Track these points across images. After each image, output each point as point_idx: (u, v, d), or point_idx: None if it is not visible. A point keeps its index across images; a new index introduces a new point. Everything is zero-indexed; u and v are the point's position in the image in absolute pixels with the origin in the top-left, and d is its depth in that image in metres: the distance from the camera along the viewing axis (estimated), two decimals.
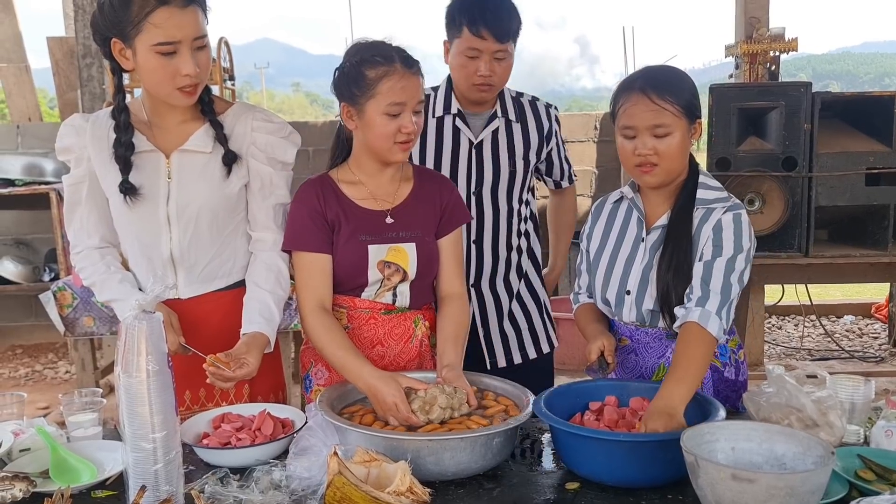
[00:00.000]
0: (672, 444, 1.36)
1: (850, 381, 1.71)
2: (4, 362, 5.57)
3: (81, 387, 3.85)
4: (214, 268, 1.88)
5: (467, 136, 2.29)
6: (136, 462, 1.37)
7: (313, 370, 1.94)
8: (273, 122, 1.89)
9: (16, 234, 5.60)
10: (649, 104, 1.69)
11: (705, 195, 1.79)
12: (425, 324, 1.91)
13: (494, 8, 2.15)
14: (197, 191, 1.81)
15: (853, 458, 1.49)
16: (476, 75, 2.17)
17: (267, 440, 1.59)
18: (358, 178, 1.86)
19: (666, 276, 1.74)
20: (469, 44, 2.15)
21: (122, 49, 1.69)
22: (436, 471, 1.46)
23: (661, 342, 1.84)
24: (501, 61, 2.18)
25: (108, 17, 1.67)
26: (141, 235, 1.84)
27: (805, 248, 4.05)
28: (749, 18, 4.54)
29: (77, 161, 1.84)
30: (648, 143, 1.71)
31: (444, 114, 2.30)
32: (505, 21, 2.14)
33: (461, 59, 2.18)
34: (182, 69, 1.68)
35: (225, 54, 6.11)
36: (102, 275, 1.86)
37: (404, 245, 1.84)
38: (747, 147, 4.04)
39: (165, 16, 1.64)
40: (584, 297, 2.00)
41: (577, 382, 1.78)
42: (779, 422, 1.54)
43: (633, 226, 1.87)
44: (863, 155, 4.02)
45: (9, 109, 6.83)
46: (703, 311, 1.65)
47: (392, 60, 1.74)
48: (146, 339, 1.35)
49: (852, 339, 5.76)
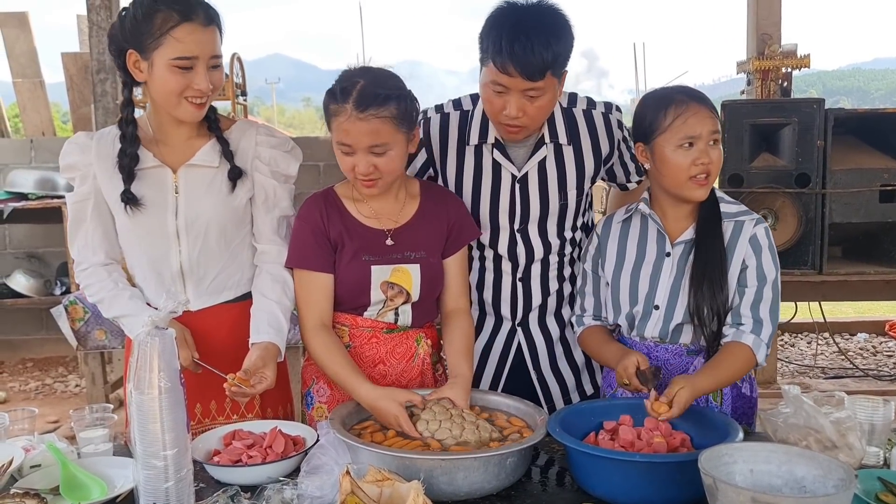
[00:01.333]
0: (689, 465, 1.34)
1: (870, 401, 1.68)
2: (15, 375, 5.59)
3: (91, 400, 3.85)
4: (223, 280, 1.90)
5: (509, 171, 1.95)
6: (147, 479, 1.36)
7: (315, 387, 1.93)
8: (276, 137, 1.92)
9: (28, 247, 5.63)
10: (707, 111, 1.73)
11: (728, 209, 1.81)
12: (427, 342, 1.90)
13: (526, 36, 1.67)
14: (205, 204, 1.83)
15: (873, 480, 1.47)
16: (502, 114, 1.78)
17: (278, 458, 1.57)
18: (362, 196, 1.84)
19: (699, 290, 1.76)
20: (495, 77, 1.74)
21: (136, 61, 1.72)
22: (449, 490, 1.44)
23: (682, 358, 1.83)
24: (535, 99, 1.75)
25: (128, 29, 1.70)
26: (149, 250, 1.85)
27: (819, 265, 4.02)
28: (761, 35, 4.54)
29: (82, 179, 1.85)
30: (708, 153, 1.72)
31: (481, 142, 1.96)
32: (539, 53, 1.68)
33: (487, 91, 1.79)
34: (195, 84, 1.71)
35: (237, 70, 6.16)
36: (111, 291, 1.87)
37: (408, 266, 1.82)
38: (760, 163, 4.02)
39: (188, 31, 1.67)
40: (588, 319, 1.97)
41: (591, 402, 1.77)
42: (797, 443, 1.52)
43: (653, 241, 1.86)
44: (877, 171, 3.99)
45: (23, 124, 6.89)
46: (756, 339, 1.73)
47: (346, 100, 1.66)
48: (158, 356, 1.35)
49: (866, 357, 5.70)
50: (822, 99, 4.03)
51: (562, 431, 1.52)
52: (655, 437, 1.55)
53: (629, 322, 1.88)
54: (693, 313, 1.77)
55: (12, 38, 6.65)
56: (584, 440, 1.58)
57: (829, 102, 4.06)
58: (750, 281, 1.76)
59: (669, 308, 1.81)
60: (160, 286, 1.86)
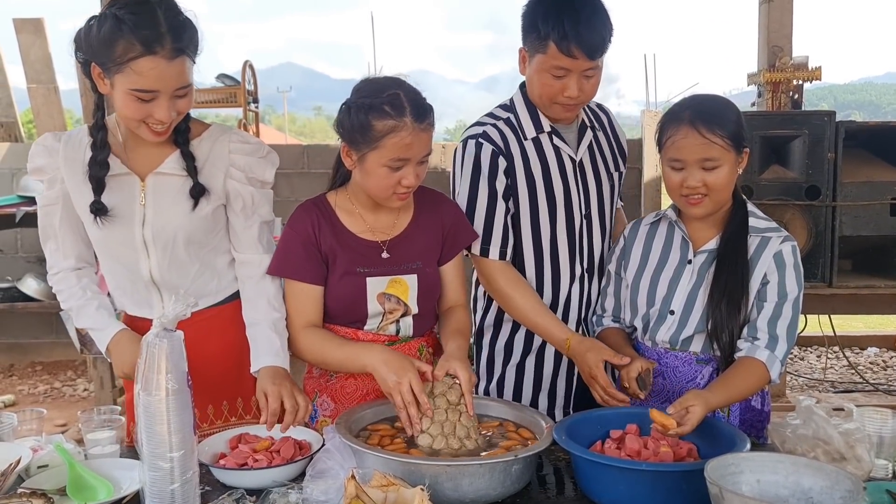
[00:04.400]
0: (695, 474, 1.34)
1: (878, 413, 1.67)
2: (24, 378, 5.61)
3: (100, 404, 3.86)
4: (199, 287, 1.85)
5: (568, 154, 2.01)
6: (153, 481, 1.36)
7: (318, 400, 1.91)
8: (250, 143, 1.86)
9: (39, 251, 5.63)
10: (698, 137, 1.69)
11: (757, 223, 1.80)
12: (429, 350, 1.90)
13: (588, 19, 1.78)
14: (171, 214, 1.77)
15: (881, 493, 1.46)
16: (563, 95, 1.86)
17: (284, 462, 1.57)
18: (357, 210, 1.82)
19: (720, 303, 1.75)
20: (556, 62, 1.82)
21: (100, 74, 1.64)
22: (454, 497, 1.44)
23: (691, 367, 1.83)
24: (591, 78, 1.87)
25: (91, 45, 1.61)
26: (120, 258, 1.82)
27: (829, 278, 3.99)
28: (772, 47, 4.53)
29: (50, 182, 1.79)
30: (697, 176, 1.71)
31: (538, 133, 1.99)
32: (599, 34, 1.80)
33: (545, 77, 1.86)
34: (156, 114, 1.62)
35: (249, 77, 6.20)
36: (79, 300, 1.85)
37: (405, 277, 1.81)
38: (770, 175, 4.01)
39: (149, 65, 1.57)
40: (607, 320, 1.98)
41: (597, 410, 1.76)
42: (805, 454, 1.51)
43: (676, 247, 1.87)
44: (887, 185, 3.97)
45: (37, 129, 6.94)
46: (770, 355, 1.72)
47: (402, 113, 1.63)
48: (166, 358, 1.36)
49: (876, 371, 5.66)
50: (832, 111, 4.02)
51: (568, 439, 1.52)
52: (662, 446, 1.54)
53: (644, 324, 1.88)
54: (710, 332, 1.77)
55: (27, 44, 6.71)
56: (590, 448, 1.57)
57: (840, 116, 4.05)
58: (770, 296, 1.75)
59: (685, 314, 1.82)
60: (135, 294, 1.84)
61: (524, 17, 1.88)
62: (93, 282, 1.89)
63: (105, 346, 1.82)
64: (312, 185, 5.37)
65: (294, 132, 50.11)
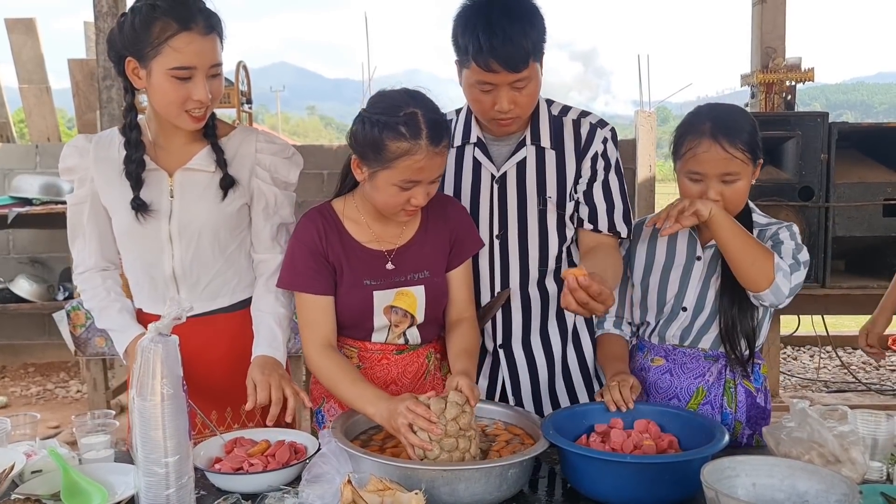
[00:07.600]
0: (676, 465, 1.41)
1: (872, 416, 1.68)
2: (17, 380, 5.59)
3: (93, 406, 3.84)
4: (218, 285, 1.87)
5: (489, 170, 1.89)
6: (149, 486, 1.36)
7: (325, 406, 1.89)
8: (276, 144, 1.90)
9: (32, 252, 5.65)
10: (721, 152, 1.70)
11: (758, 219, 1.84)
12: (437, 356, 1.89)
13: (504, 29, 1.64)
14: (198, 209, 1.81)
15: (876, 495, 1.46)
16: (493, 110, 1.75)
17: (280, 466, 1.57)
18: (363, 219, 1.79)
19: (731, 310, 1.77)
20: (479, 77, 1.71)
21: (135, 68, 1.70)
22: (450, 501, 1.44)
23: (699, 363, 1.85)
24: (523, 89, 1.73)
25: (127, 36, 1.68)
26: (143, 254, 1.84)
27: (822, 278, 4.02)
28: (765, 48, 4.55)
29: (80, 182, 1.85)
30: (716, 188, 1.72)
31: (464, 143, 1.91)
32: (519, 44, 1.65)
33: (475, 92, 1.75)
34: (194, 94, 1.68)
35: (243, 77, 6.18)
36: (103, 301, 1.87)
37: (412, 288, 1.78)
38: (763, 176, 3.97)
39: (186, 41, 1.65)
40: (608, 323, 1.98)
41: (582, 405, 1.78)
42: (799, 457, 1.51)
43: (683, 244, 1.87)
44: (880, 185, 4.00)
45: (28, 129, 6.92)
46: (780, 261, 1.69)
47: (418, 136, 1.57)
48: (161, 363, 1.35)
49: (869, 371, 5.69)
50: (825, 112, 4.05)
51: (555, 433, 1.54)
52: (645, 439, 1.58)
53: (655, 323, 1.90)
54: (724, 337, 1.79)
55: (19, 44, 6.69)
56: (575, 442, 1.59)
57: (832, 116, 4.07)
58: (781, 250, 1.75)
59: (696, 310, 1.84)
60: (153, 291, 1.86)
61: (452, 32, 1.75)
62: (117, 283, 1.91)
63: (124, 348, 1.84)
64: (305, 185, 5.34)
65: (287, 132, 50.04)
